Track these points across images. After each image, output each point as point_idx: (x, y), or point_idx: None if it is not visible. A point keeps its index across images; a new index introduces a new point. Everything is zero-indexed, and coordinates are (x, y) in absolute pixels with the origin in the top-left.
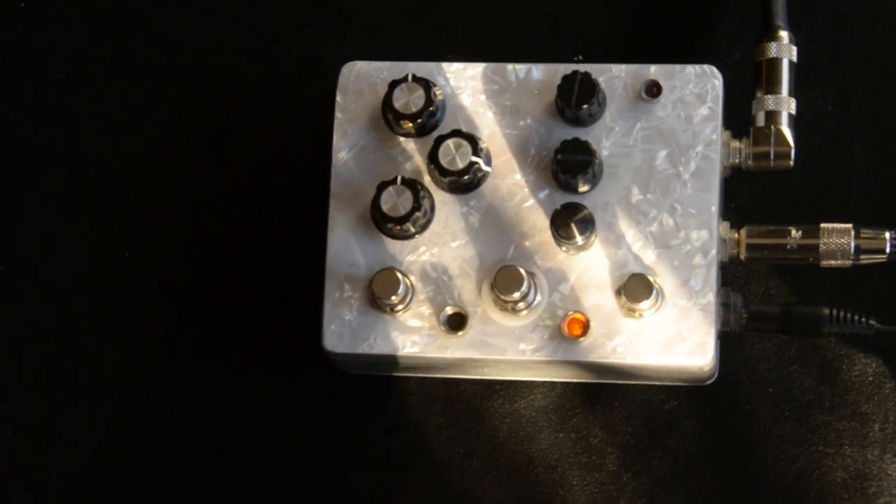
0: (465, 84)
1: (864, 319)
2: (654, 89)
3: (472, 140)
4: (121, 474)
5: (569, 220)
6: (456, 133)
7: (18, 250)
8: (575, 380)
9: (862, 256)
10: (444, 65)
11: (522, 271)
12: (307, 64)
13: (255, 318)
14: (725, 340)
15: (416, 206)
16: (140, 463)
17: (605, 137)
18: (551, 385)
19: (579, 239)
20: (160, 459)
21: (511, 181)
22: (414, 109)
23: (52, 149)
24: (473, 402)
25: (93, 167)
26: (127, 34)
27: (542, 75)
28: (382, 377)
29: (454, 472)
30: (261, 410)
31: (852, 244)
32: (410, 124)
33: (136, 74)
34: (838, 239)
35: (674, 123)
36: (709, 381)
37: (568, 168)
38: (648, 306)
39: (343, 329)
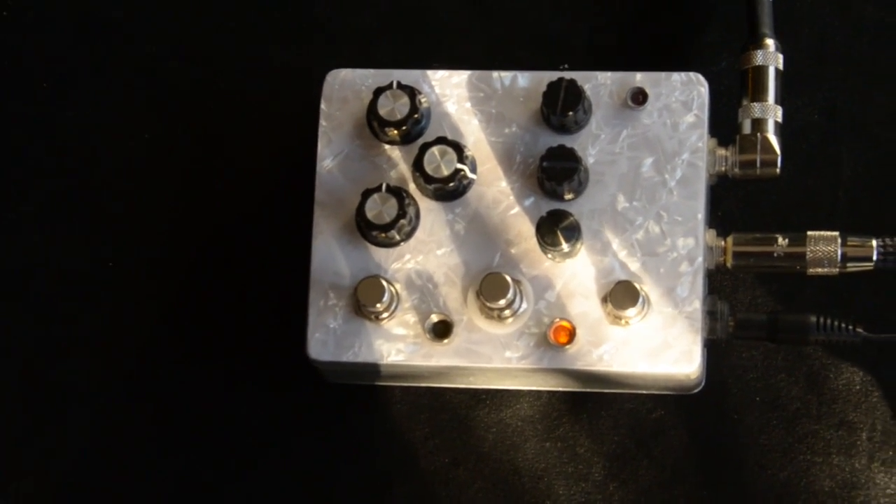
0: (451, 92)
1: (851, 327)
2: (639, 97)
3: (458, 147)
4: (103, 484)
5: (554, 228)
6: (441, 140)
7: (1, 259)
8: (561, 388)
9: (849, 264)
10: (430, 72)
11: (508, 278)
12: (291, 72)
13: (238, 327)
14: (712, 349)
15: (401, 213)
16: (123, 473)
17: (590, 145)
18: (537, 394)
19: (565, 246)
20: (143, 469)
21: (496, 189)
22: (399, 117)
23: (34, 158)
24: (459, 411)
25: (76, 177)
26: (111, 43)
27: (527, 83)
28: (367, 386)
29: (439, 482)
30: (244, 420)
31: (839, 252)
32: (395, 132)
33: (119, 83)
34: (825, 247)
35: (660, 131)
36: (696, 390)
37: (553, 175)
38: (635, 314)
39: (328, 337)
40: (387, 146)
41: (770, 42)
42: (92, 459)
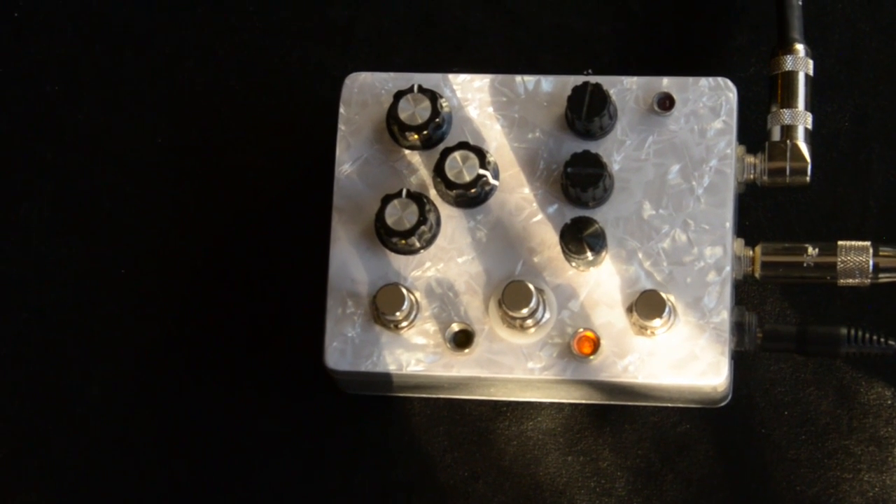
0: (473, 96)
1: (882, 339)
2: (666, 102)
3: (480, 153)
4: (112, 495)
5: (579, 235)
6: (463, 145)
7: (7, 266)
8: (584, 401)
9: (881, 275)
10: (451, 76)
11: (531, 286)
12: (309, 77)
13: (254, 336)
14: (740, 361)
15: (422, 219)
16: (131, 482)
17: (616, 151)
18: (559, 406)
19: (590, 254)
20: (153, 478)
21: (519, 195)
22: (420, 121)
23: (44, 161)
24: (479, 423)
25: (85, 180)
26: (121, 45)
27: (551, 87)
28: (385, 398)
29: (459, 496)
30: (259, 431)
31: (871, 262)
32: (416, 136)
33: (130, 86)
34: (856, 257)
35: (687, 137)
36: (722, 403)
37: (578, 181)
38: (661, 324)
39: (345, 346)
40: (407, 151)
41: (800, 47)
42: (99, 468)
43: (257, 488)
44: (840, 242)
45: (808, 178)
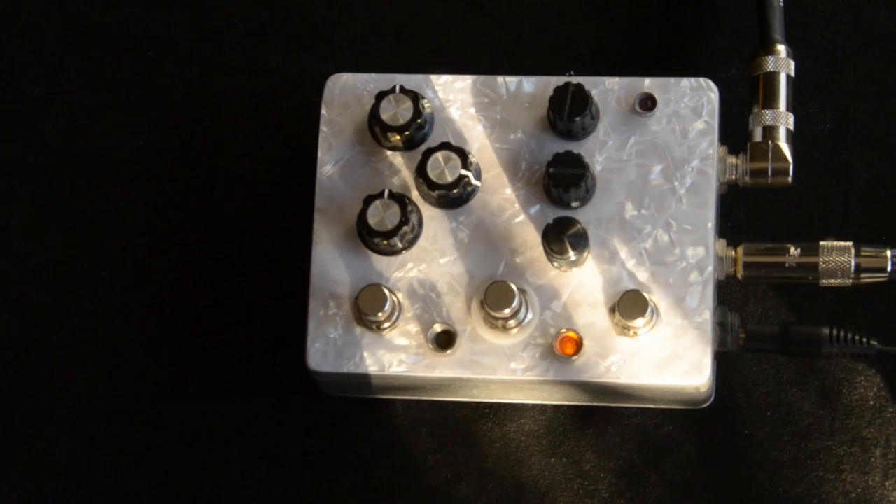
0: (455, 97)
1: (865, 340)
2: (648, 102)
3: (462, 153)
4: (93, 497)
5: (561, 235)
6: (445, 146)
7: None
8: (567, 402)
9: (863, 275)
10: (433, 77)
11: (513, 286)
12: (291, 79)
13: (236, 337)
14: (722, 363)
15: (404, 220)
16: (116, 485)
17: (598, 151)
18: (542, 408)
19: (572, 254)
20: (137, 480)
21: (501, 196)
22: (402, 121)
23: (24, 163)
24: (461, 425)
25: (67, 182)
26: (103, 48)
27: (533, 88)
28: (367, 400)
29: (441, 498)
30: (241, 434)
31: (853, 262)
32: (398, 137)
33: (111, 89)
34: (838, 257)
35: (669, 137)
36: (705, 404)
37: (560, 181)
38: (643, 324)
39: (328, 347)
40: (389, 152)
41: (781, 48)
42: (81, 470)
43: (239, 490)
44: (822, 243)
45: (790, 179)
